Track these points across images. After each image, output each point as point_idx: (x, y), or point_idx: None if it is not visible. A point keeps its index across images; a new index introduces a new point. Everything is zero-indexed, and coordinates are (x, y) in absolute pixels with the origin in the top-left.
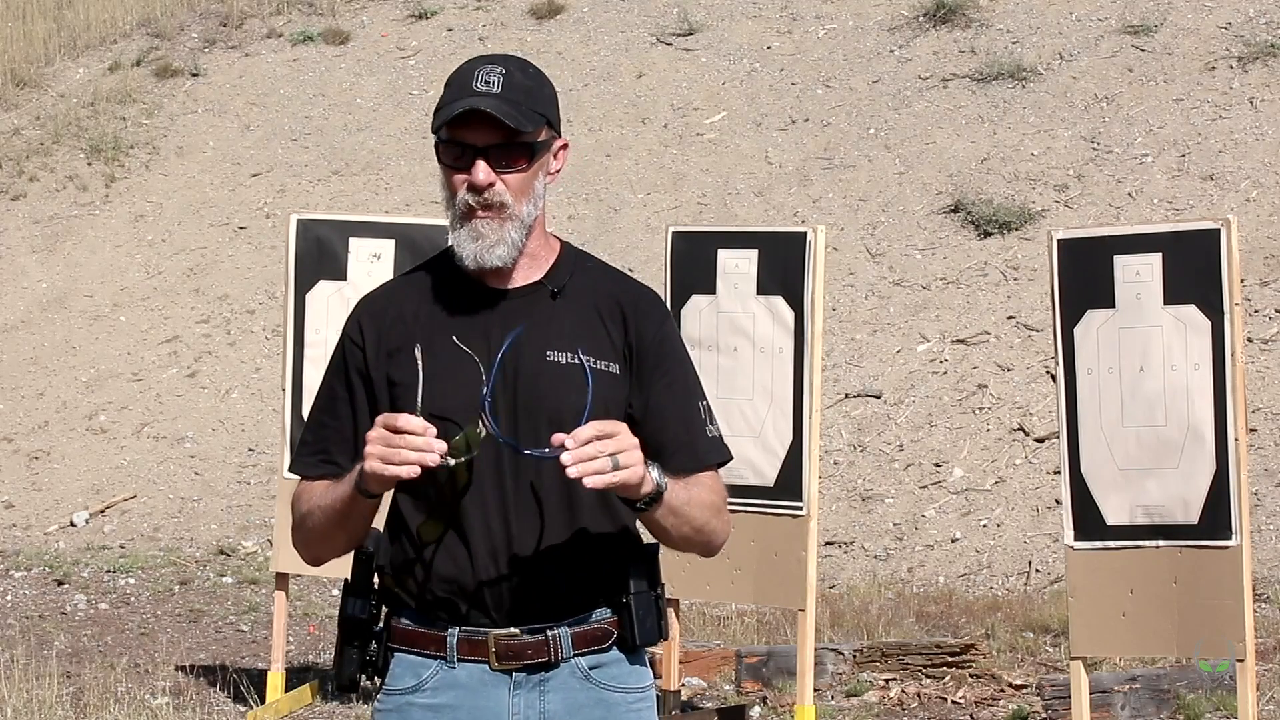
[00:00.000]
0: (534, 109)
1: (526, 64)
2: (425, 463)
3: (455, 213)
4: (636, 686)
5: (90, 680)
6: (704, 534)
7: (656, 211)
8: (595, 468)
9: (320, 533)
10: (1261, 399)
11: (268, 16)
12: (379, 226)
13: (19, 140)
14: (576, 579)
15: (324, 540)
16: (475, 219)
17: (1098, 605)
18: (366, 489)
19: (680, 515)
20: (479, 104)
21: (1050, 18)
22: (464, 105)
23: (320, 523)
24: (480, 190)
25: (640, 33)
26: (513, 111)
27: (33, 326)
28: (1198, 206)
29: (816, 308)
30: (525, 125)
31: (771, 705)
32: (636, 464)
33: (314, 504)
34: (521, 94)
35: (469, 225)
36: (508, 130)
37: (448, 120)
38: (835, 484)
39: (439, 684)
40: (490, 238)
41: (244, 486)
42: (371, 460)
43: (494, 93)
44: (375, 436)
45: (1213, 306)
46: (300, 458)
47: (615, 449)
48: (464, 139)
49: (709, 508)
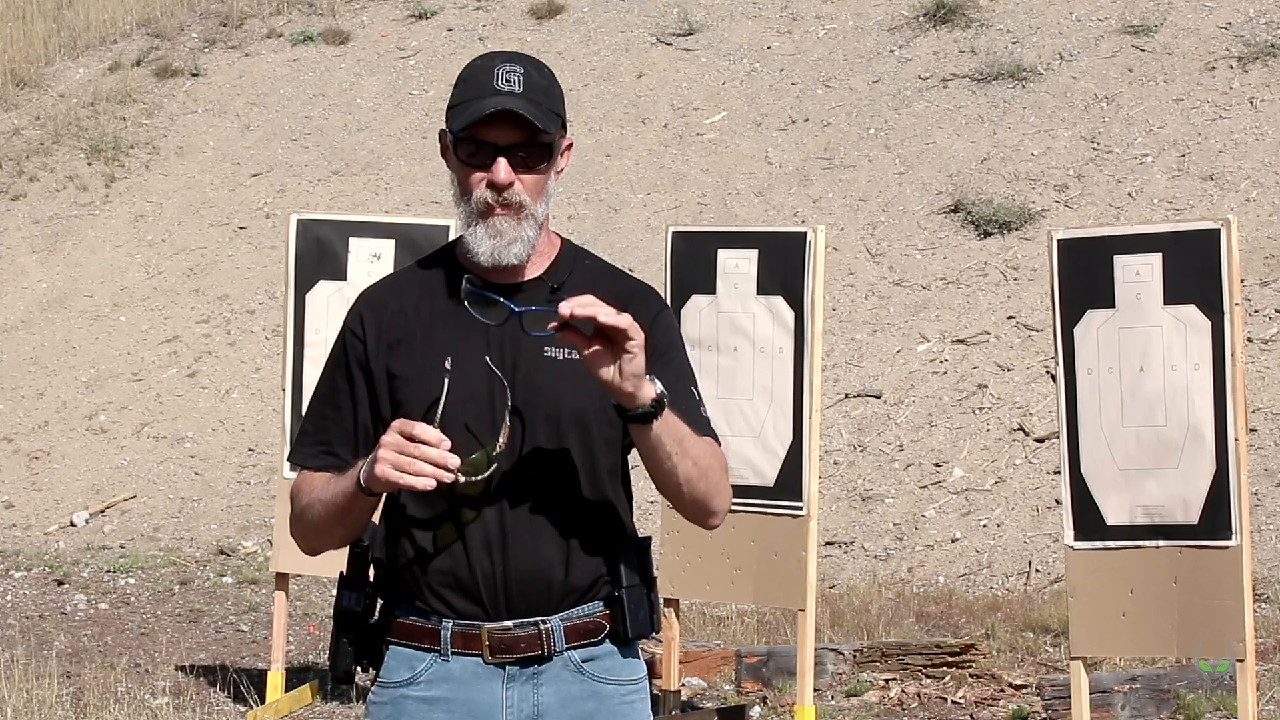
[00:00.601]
0: (553, 109)
1: (540, 63)
2: (441, 478)
3: (472, 209)
4: (629, 679)
5: (90, 680)
6: (707, 479)
7: (656, 211)
8: (593, 310)
9: (319, 526)
10: (1261, 399)
11: (268, 16)
12: (379, 226)
13: (19, 140)
14: (570, 572)
15: (322, 533)
16: (493, 216)
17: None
18: (371, 489)
19: (683, 446)
20: (509, 104)
21: (1050, 18)
22: (494, 105)
23: (320, 516)
24: (500, 189)
25: (640, 33)
26: (538, 112)
27: (33, 326)
28: (1198, 206)
29: (816, 308)
30: (550, 126)
31: (771, 705)
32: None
33: (314, 497)
34: (542, 94)
35: (487, 223)
36: (530, 130)
37: (477, 119)
38: (835, 484)
39: (433, 677)
40: (508, 235)
41: (244, 486)
42: (384, 466)
43: (517, 92)
44: (390, 442)
45: (1213, 306)
46: (300, 448)
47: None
48: (485, 137)
49: (709, 454)
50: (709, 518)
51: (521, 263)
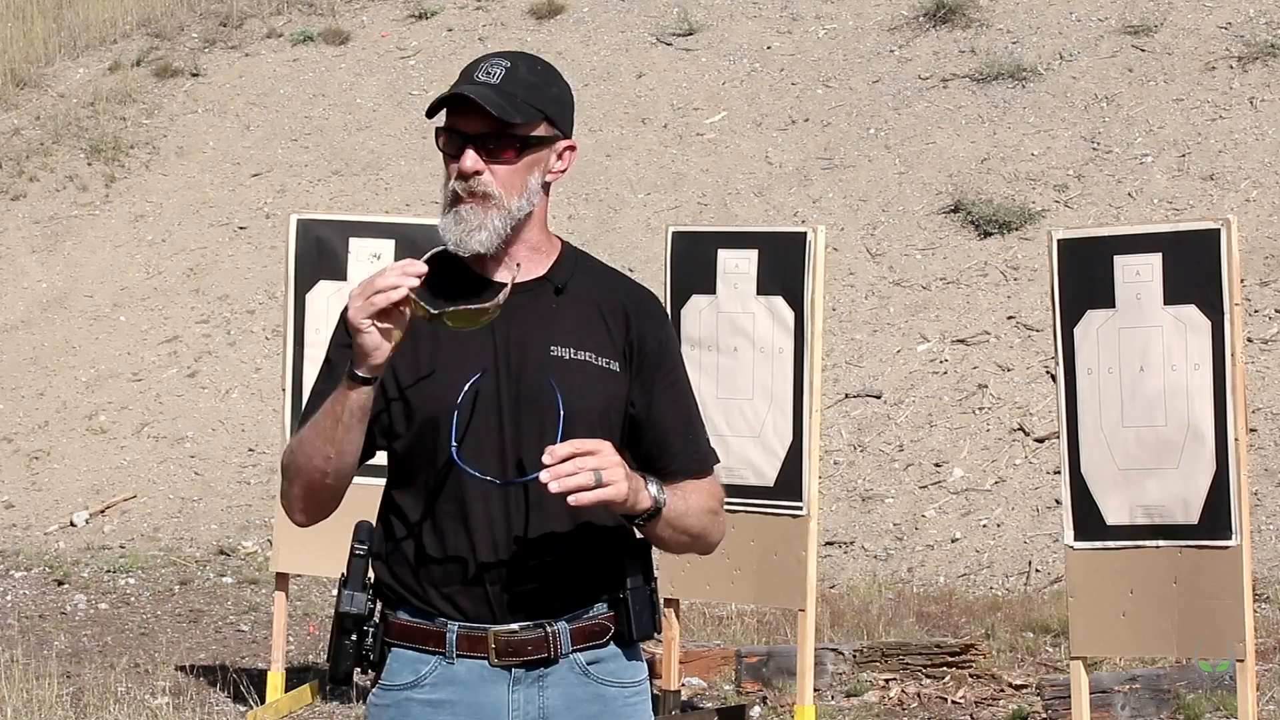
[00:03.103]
0: (530, 103)
1: (537, 61)
2: (408, 284)
3: (445, 199)
4: (632, 680)
5: (90, 680)
6: (701, 540)
7: (656, 211)
8: (577, 483)
9: (307, 456)
10: (1261, 399)
11: (268, 16)
12: (379, 226)
13: (19, 140)
14: (575, 575)
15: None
16: (460, 205)
17: (1098, 605)
18: (356, 367)
19: (678, 526)
20: (467, 91)
21: (1050, 18)
22: (454, 91)
23: (309, 441)
24: (466, 177)
25: (640, 33)
26: (502, 103)
27: (33, 326)
28: (1198, 206)
29: (816, 308)
30: (513, 116)
31: (771, 705)
32: (619, 480)
33: (304, 436)
34: (521, 88)
35: (455, 210)
36: (496, 120)
37: (436, 104)
38: (835, 484)
39: (438, 680)
40: (471, 222)
41: (244, 486)
42: (354, 310)
43: (490, 83)
44: (355, 293)
45: (1213, 306)
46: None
47: (595, 465)
48: (456, 126)
49: (707, 513)
50: (704, 554)
51: (487, 251)
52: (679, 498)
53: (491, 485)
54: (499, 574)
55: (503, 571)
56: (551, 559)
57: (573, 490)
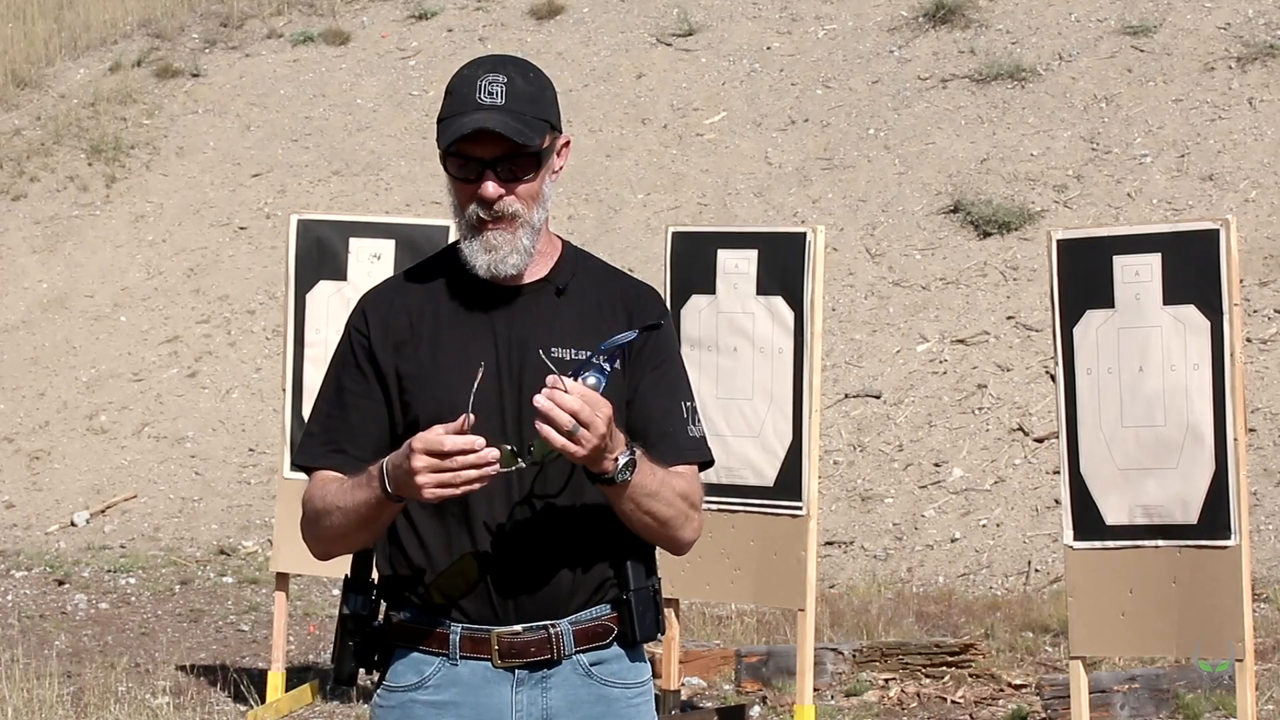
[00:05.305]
0: (538, 116)
1: (526, 66)
2: (487, 475)
3: (466, 224)
4: (635, 682)
5: (90, 680)
6: (669, 530)
7: (656, 211)
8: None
9: (339, 532)
10: (1261, 399)
11: (268, 17)
12: (379, 227)
13: (19, 140)
14: (579, 576)
15: (342, 539)
16: (487, 231)
17: (1097, 605)
18: (397, 494)
19: (642, 506)
20: (485, 122)
21: (1050, 18)
22: (472, 124)
23: (340, 523)
24: (490, 203)
25: (640, 33)
26: (519, 126)
27: (33, 326)
28: (1197, 206)
29: (816, 308)
30: (532, 139)
31: (771, 705)
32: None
33: (332, 504)
34: (526, 103)
35: (481, 238)
36: (514, 144)
37: (457, 138)
38: (835, 484)
39: (441, 681)
40: (503, 249)
41: (244, 486)
42: (429, 490)
43: (498, 104)
44: (423, 466)
45: (1212, 307)
46: (307, 449)
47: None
48: (471, 153)
49: (681, 499)
50: (673, 552)
51: (520, 272)
52: (655, 478)
53: (495, 487)
54: (501, 577)
55: (505, 574)
56: (554, 561)
57: (547, 422)
